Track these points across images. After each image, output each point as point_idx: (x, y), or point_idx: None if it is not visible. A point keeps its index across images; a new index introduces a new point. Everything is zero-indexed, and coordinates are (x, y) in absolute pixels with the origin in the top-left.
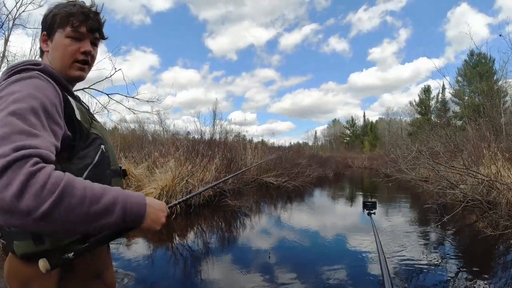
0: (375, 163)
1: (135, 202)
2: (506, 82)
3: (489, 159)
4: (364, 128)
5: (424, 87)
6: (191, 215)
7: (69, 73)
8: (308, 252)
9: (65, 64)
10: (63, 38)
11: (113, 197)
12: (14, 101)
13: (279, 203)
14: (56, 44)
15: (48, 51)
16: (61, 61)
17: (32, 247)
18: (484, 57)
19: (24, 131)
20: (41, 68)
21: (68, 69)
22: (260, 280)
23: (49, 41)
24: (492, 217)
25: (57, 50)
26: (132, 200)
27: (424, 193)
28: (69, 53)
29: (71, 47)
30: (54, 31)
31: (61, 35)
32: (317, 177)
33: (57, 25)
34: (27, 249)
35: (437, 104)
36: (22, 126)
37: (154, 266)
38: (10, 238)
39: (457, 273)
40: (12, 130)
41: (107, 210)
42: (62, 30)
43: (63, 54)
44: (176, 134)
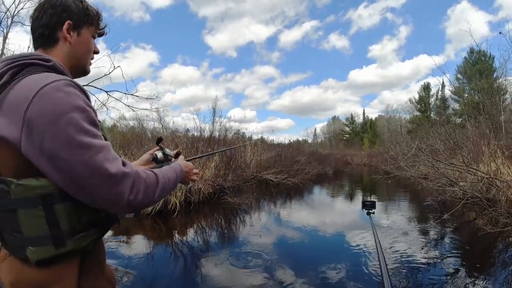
0: (374, 160)
1: (180, 169)
2: (506, 79)
3: (489, 156)
4: (363, 125)
5: (423, 84)
6: (190, 212)
7: (86, 68)
8: (307, 250)
9: (86, 60)
10: (89, 36)
11: (175, 174)
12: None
13: (279, 200)
14: (84, 39)
15: (70, 43)
16: (85, 57)
17: (52, 251)
18: (484, 55)
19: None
20: (51, 65)
21: (86, 65)
22: (260, 277)
23: (73, 33)
24: (491, 214)
25: (83, 45)
26: (179, 169)
27: (424, 191)
28: (91, 51)
29: (92, 46)
30: (82, 25)
31: (88, 31)
32: (317, 174)
33: (88, 20)
34: (46, 254)
35: (437, 102)
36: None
37: (154, 264)
38: (22, 244)
39: (457, 271)
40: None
41: (176, 183)
42: (90, 27)
43: (88, 51)
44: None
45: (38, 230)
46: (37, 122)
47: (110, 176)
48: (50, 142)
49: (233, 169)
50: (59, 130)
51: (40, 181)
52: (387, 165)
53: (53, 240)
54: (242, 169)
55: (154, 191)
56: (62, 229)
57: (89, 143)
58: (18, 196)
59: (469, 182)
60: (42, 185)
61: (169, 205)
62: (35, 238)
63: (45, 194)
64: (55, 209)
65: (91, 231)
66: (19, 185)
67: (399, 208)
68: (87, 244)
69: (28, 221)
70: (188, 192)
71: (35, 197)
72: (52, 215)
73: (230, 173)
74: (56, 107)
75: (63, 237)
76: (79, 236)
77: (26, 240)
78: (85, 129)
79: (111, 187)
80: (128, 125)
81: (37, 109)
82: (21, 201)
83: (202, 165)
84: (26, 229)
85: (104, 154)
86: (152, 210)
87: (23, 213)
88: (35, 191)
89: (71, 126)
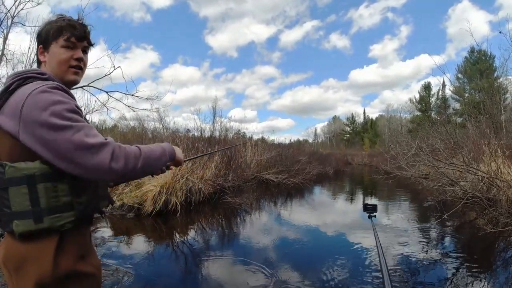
0: (375, 160)
1: (169, 146)
2: (507, 79)
3: (489, 156)
4: (364, 125)
5: (424, 84)
6: (191, 212)
7: (65, 78)
8: (308, 250)
9: (62, 70)
10: (58, 48)
11: (162, 148)
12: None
13: (279, 200)
14: (53, 53)
15: (45, 61)
16: (58, 67)
17: (32, 225)
18: (485, 54)
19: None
20: (46, 77)
21: (64, 74)
22: (260, 277)
23: (46, 53)
24: (492, 214)
25: (54, 58)
26: (168, 146)
27: (424, 190)
28: (64, 60)
29: (65, 55)
30: (49, 43)
31: (56, 45)
32: (317, 174)
33: (51, 38)
34: (27, 227)
35: (437, 101)
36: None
37: (155, 264)
38: (10, 218)
39: (457, 270)
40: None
41: (162, 157)
42: (56, 41)
43: (59, 61)
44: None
45: (22, 205)
46: (28, 116)
47: (91, 146)
48: (39, 129)
49: (234, 169)
50: (44, 119)
51: (27, 165)
52: (388, 165)
53: (33, 215)
54: (242, 169)
55: (136, 161)
56: (41, 206)
57: (70, 125)
58: (10, 176)
59: (470, 181)
60: (28, 167)
61: (169, 205)
62: (20, 213)
63: (29, 174)
64: (37, 188)
65: (67, 213)
66: (11, 167)
67: (400, 208)
68: (62, 224)
69: (15, 197)
70: (189, 192)
71: (22, 176)
72: (34, 192)
73: (230, 173)
74: (41, 103)
75: (41, 213)
76: (56, 216)
77: (13, 214)
78: (66, 116)
79: (93, 155)
80: (128, 125)
81: (28, 107)
82: (11, 180)
83: (203, 165)
84: (14, 204)
85: (84, 132)
86: (153, 210)
87: (12, 190)
88: (22, 172)
89: (53, 115)
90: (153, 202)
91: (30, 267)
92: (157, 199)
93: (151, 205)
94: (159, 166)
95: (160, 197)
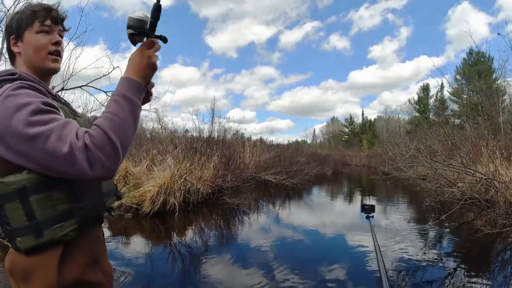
0: (373, 161)
1: (130, 87)
2: (505, 81)
3: (487, 157)
4: (362, 126)
5: (422, 85)
6: (189, 212)
7: (45, 66)
8: (306, 250)
9: (40, 57)
10: (33, 35)
11: (125, 100)
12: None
13: (278, 201)
14: (28, 41)
15: (20, 52)
16: (36, 55)
17: (33, 241)
18: (483, 56)
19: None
20: (16, 77)
21: (44, 62)
22: (258, 277)
23: (20, 42)
24: (490, 215)
25: (29, 46)
26: (130, 87)
27: (422, 191)
28: (42, 46)
29: (43, 40)
30: (22, 32)
31: (30, 32)
32: (316, 175)
33: (24, 25)
34: (29, 243)
35: (436, 103)
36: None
37: (153, 264)
38: (13, 236)
39: (455, 271)
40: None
41: (135, 103)
42: (31, 27)
43: (37, 48)
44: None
45: (20, 221)
46: (0, 130)
47: (64, 156)
48: (12, 142)
49: (232, 169)
50: (12, 131)
51: (16, 177)
52: (386, 166)
53: (32, 230)
54: (241, 169)
55: (114, 146)
56: (38, 220)
57: (38, 132)
58: (1, 192)
59: (468, 183)
60: (17, 180)
61: (167, 206)
62: (19, 229)
63: (19, 188)
64: (30, 201)
65: (68, 222)
66: (1, 182)
67: (398, 209)
68: (65, 234)
69: (12, 214)
70: (187, 193)
71: (12, 191)
72: (28, 206)
73: (229, 174)
74: (6, 112)
75: (40, 227)
76: (56, 227)
77: (14, 232)
78: (31, 122)
79: (70, 165)
80: None
81: None
82: (4, 196)
83: (201, 165)
84: (12, 221)
85: (55, 135)
86: (151, 210)
87: (8, 207)
88: (11, 187)
89: (18, 124)
90: (151, 202)
91: (36, 279)
92: (155, 200)
93: (149, 205)
94: (135, 118)
95: (158, 198)
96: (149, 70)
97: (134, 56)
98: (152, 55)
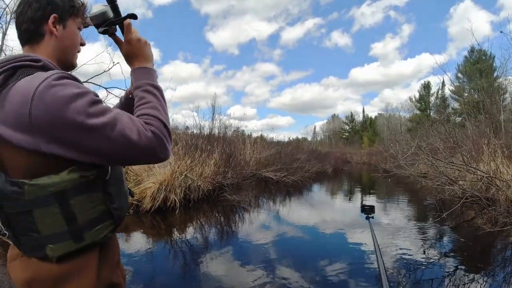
0: (373, 158)
1: (148, 73)
2: (506, 79)
3: (488, 155)
4: (363, 123)
5: (424, 83)
6: (190, 209)
7: (73, 62)
8: (306, 248)
9: (73, 54)
10: (75, 28)
11: (154, 88)
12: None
13: (278, 198)
14: (70, 32)
15: (57, 37)
16: (71, 50)
17: (71, 245)
18: (485, 54)
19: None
20: (42, 65)
21: (73, 59)
22: (258, 273)
23: (59, 26)
24: (491, 213)
25: (69, 38)
26: (148, 73)
27: (423, 189)
28: (77, 43)
29: (78, 39)
30: (67, 17)
31: (73, 23)
32: (316, 172)
33: (73, 12)
34: (66, 249)
35: (437, 100)
36: None
37: (153, 260)
38: (41, 243)
39: (456, 270)
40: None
41: (160, 95)
42: (75, 19)
43: (74, 44)
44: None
45: (55, 227)
46: (47, 123)
47: (136, 143)
48: (65, 134)
49: (233, 166)
50: (68, 122)
51: (52, 179)
52: (387, 163)
53: (71, 235)
54: (241, 166)
55: (168, 129)
56: (79, 223)
57: (101, 122)
58: (32, 196)
59: (469, 181)
60: (55, 182)
61: (168, 202)
62: (54, 235)
63: (59, 191)
64: (71, 204)
65: (107, 222)
66: (32, 185)
67: (398, 207)
68: (105, 235)
69: (45, 220)
70: (188, 190)
71: (49, 194)
72: (68, 210)
73: (229, 171)
74: (56, 103)
75: (81, 231)
76: (97, 229)
77: (44, 239)
78: (91, 112)
79: (143, 151)
80: None
81: (40, 111)
82: (35, 201)
83: (202, 162)
84: (44, 227)
85: (120, 125)
86: (151, 207)
87: (39, 212)
88: (48, 189)
89: (77, 115)
90: (152, 199)
91: (71, 285)
92: (156, 196)
93: (150, 202)
94: (165, 100)
95: (159, 194)
96: (145, 49)
97: (126, 49)
98: (135, 36)
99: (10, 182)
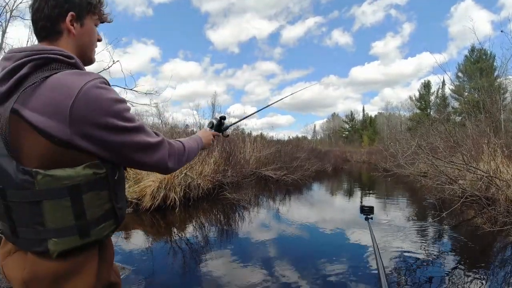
0: (373, 157)
1: (199, 139)
2: (507, 78)
3: (489, 155)
4: (363, 122)
5: (424, 82)
6: (189, 208)
7: (92, 57)
8: (305, 247)
9: (91, 50)
10: (92, 25)
11: (196, 142)
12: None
13: (278, 197)
14: (88, 29)
15: (74, 35)
16: (90, 47)
17: (76, 241)
18: (485, 53)
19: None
20: (74, 62)
21: (91, 55)
22: (258, 272)
23: (76, 24)
24: (490, 213)
25: (87, 35)
26: (199, 139)
27: (423, 188)
28: (95, 40)
29: (96, 35)
30: (85, 15)
31: (91, 20)
32: (316, 171)
33: (90, 9)
34: (70, 244)
35: (437, 100)
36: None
37: (153, 259)
38: (43, 237)
39: (455, 269)
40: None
41: (197, 150)
42: (92, 16)
43: (93, 41)
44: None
45: (64, 220)
46: (85, 117)
47: (152, 145)
48: (100, 131)
49: (233, 165)
50: (110, 122)
51: (67, 172)
52: (387, 162)
53: (78, 230)
54: (241, 165)
55: (182, 158)
56: (88, 219)
57: (133, 126)
58: (44, 187)
59: (469, 180)
60: (71, 176)
61: (168, 201)
62: (60, 229)
63: (73, 185)
64: (83, 199)
65: (111, 221)
66: (46, 175)
67: (398, 206)
68: (106, 234)
69: (54, 212)
70: (187, 188)
71: (63, 187)
72: (79, 205)
73: (229, 169)
74: (100, 103)
75: (88, 227)
76: (102, 226)
77: (48, 232)
78: (127, 117)
79: (153, 154)
80: None
81: (83, 106)
82: (47, 192)
83: (202, 160)
84: (51, 220)
85: (144, 132)
86: (151, 205)
87: (48, 204)
88: (63, 182)
89: (116, 116)
90: (152, 197)
91: (72, 285)
92: (156, 195)
93: (150, 200)
94: (194, 157)
95: (158, 193)
96: (208, 144)
97: (207, 134)
98: (212, 140)
99: (22, 170)
